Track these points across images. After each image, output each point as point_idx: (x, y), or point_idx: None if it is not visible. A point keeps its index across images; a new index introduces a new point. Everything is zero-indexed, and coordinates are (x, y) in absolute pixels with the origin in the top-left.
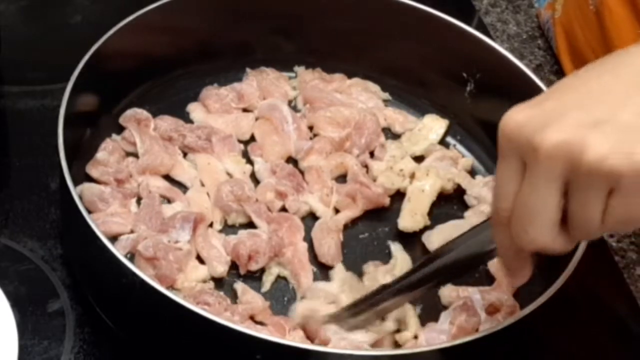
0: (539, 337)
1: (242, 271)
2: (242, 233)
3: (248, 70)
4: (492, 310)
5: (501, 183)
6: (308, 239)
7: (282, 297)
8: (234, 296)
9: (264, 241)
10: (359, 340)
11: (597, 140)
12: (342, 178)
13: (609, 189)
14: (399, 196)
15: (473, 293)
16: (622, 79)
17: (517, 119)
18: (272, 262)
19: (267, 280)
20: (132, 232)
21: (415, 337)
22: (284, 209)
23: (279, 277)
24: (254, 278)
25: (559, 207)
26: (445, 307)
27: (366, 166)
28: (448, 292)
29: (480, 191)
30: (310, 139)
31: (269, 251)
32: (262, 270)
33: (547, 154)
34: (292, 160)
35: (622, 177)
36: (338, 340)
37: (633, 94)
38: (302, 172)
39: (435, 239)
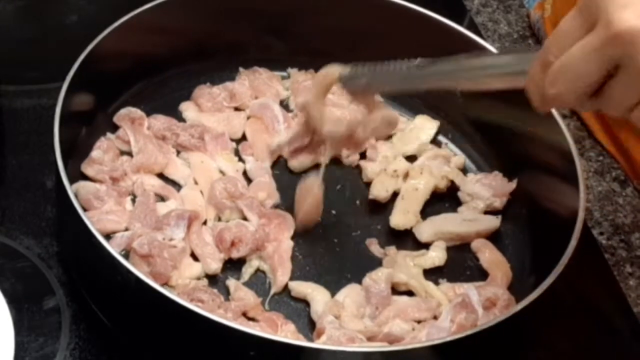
0: (531, 333)
1: (224, 256)
2: (232, 222)
3: (241, 69)
4: (488, 305)
5: (563, 29)
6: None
7: (257, 290)
8: (227, 293)
9: (249, 232)
10: (353, 330)
11: None
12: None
13: None
14: (393, 194)
15: (469, 289)
16: None
17: None
18: (253, 255)
19: (247, 272)
20: (127, 229)
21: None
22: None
23: (259, 271)
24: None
25: (600, 81)
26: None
27: (358, 167)
28: (444, 289)
29: (474, 187)
30: None
31: (252, 242)
32: (244, 262)
33: (614, 35)
34: (282, 159)
35: None
36: (333, 330)
37: None
38: None
39: (425, 230)
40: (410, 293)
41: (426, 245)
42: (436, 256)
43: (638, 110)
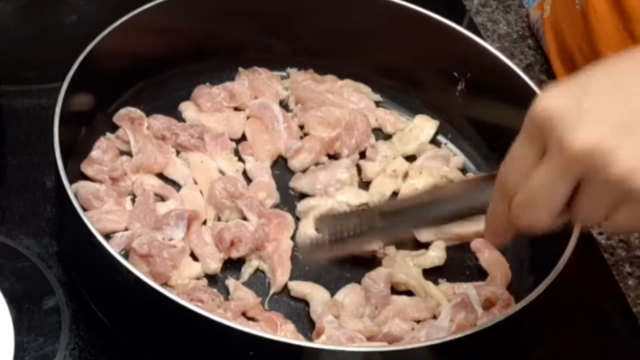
0: (531, 333)
1: (224, 256)
2: (231, 222)
3: (240, 69)
4: (488, 305)
5: (516, 158)
6: None
7: (257, 290)
8: (227, 293)
9: (249, 231)
10: (353, 329)
11: (623, 154)
12: None
13: (621, 198)
14: (392, 194)
15: (468, 289)
16: None
17: (551, 106)
18: (253, 255)
19: (246, 272)
20: (126, 229)
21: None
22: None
23: (258, 270)
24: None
25: (567, 198)
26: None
27: (358, 167)
28: (444, 288)
29: None
30: (301, 138)
31: (252, 242)
32: (244, 262)
33: (573, 156)
34: (282, 159)
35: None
36: (332, 330)
37: None
38: None
39: (425, 230)
40: (409, 293)
41: (426, 245)
42: (436, 256)
43: (611, 219)
